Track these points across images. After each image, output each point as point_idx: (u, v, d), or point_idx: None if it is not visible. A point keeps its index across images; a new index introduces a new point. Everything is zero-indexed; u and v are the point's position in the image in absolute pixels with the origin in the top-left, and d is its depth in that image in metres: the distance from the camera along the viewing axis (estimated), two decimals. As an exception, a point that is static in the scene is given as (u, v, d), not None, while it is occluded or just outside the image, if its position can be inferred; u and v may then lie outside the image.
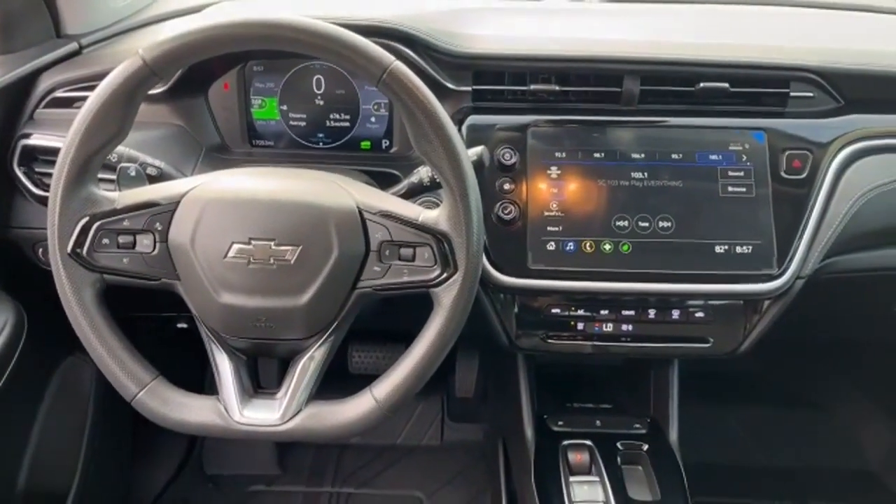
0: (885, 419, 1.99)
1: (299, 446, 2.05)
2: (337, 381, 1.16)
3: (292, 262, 0.89)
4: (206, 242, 0.90)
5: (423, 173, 1.05)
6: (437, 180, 0.94)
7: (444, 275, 0.91)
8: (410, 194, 1.06)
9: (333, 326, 0.95)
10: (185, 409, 0.94)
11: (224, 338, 0.95)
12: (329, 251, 0.90)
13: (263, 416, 0.93)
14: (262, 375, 1.03)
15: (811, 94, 1.20)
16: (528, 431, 1.34)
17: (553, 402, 1.43)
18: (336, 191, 0.93)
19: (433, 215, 0.92)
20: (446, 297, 0.91)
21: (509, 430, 1.46)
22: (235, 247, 0.89)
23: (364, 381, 0.96)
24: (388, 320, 1.21)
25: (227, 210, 0.90)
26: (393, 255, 0.92)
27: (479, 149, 1.05)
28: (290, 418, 0.93)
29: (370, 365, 1.79)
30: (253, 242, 0.89)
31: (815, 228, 1.15)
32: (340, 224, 0.91)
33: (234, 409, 0.93)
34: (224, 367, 0.96)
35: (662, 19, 1.43)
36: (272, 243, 0.89)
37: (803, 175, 1.16)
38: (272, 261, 0.89)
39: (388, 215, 0.92)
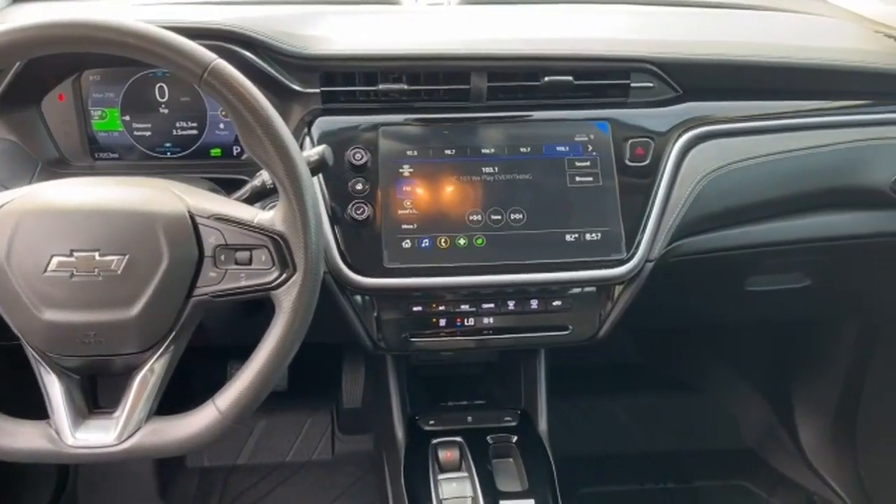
0: (759, 398, 2.08)
1: (182, 472, 1.97)
2: None
3: (119, 272, 0.85)
4: (23, 257, 0.85)
5: (265, 175, 1.02)
6: None
7: (283, 276, 0.89)
8: (255, 198, 1.04)
9: (171, 337, 0.91)
10: (11, 436, 0.88)
11: (52, 357, 0.90)
12: (158, 259, 0.86)
13: (98, 437, 0.89)
14: (108, 395, 0.98)
15: (651, 85, 1.24)
16: (399, 433, 1.34)
17: (427, 403, 1.42)
18: (165, 196, 0.90)
19: (268, 216, 0.90)
20: (286, 300, 0.89)
21: (385, 434, 1.45)
22: (56, 260, 0.84)
23: None
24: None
25: (44, 221, 0.85)
26: (229, 260, 0.90)
27: (320, 148, 1.03)
28: (128, 437, 0.89)
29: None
30: (75, 254, 0.85)
31: (660, 213, 1.18)
32: (170, 230, 0.87)
33: (65, 432, 0.88)
34: (54, 389, 0.90)
35: (514, 18, 1.46)
36: (96, 254, 0.85)
37: (646, 162, 1.19)
38: (97, 272, 0.85)
39: (221, 218, 0.89)
